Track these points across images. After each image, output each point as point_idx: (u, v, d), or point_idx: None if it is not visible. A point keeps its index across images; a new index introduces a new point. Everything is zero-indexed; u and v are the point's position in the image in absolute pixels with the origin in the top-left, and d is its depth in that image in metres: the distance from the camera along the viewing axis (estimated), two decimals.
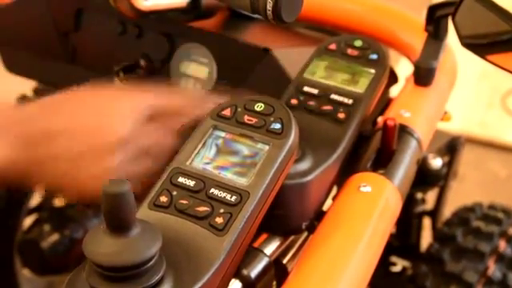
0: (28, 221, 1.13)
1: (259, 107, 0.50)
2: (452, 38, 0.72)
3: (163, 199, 0.45)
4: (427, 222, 1.08)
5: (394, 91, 0.77)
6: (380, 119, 0.71)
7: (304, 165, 0.54)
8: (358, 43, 0.66)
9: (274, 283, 0.55)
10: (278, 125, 0.49)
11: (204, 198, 0.45)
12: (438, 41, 0.73)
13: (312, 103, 0.60)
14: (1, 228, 1.11)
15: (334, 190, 0.60)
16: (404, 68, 0.82)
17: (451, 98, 0.80)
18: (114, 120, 0.58)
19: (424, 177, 0.88)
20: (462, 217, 1.02)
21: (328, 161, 0.55)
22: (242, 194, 0.45)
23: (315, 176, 0.54)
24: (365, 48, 0.65)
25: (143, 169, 0.58)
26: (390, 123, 0.62)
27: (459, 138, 1.02)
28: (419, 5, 1.28)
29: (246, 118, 0.50)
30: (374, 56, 0.64)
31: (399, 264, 1.08)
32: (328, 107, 0.59)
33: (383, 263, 1.07)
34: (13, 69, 0.90)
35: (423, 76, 0.73)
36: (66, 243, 1.08)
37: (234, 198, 0.45)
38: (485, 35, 0.63)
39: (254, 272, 0.51)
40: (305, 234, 0.59)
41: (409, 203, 1.02)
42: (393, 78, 0.76)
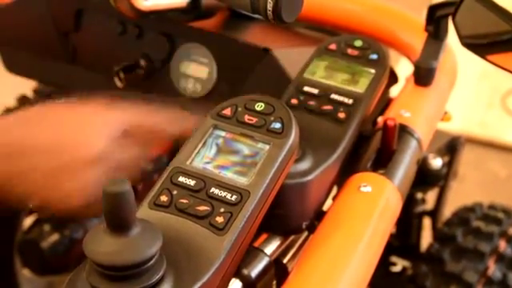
0: (28, 221, 1.13)
1: (259, 107, 0.50)
2: (452, 38, 0.72)
3: (163, 198, 0.45)
4: (427, 222, 1.08)
5: (394, 91, 0.77)
6: (380, 119, 0.71)
7: (304, 164, 0.54)
8: (358, 43, 0.66)
9: (274, 283, 0.55)
10: (279, 124, 0.49)
11: (204, 198, 0.45)
12: (438, 41, 0.73)
13: (312, 103, 0.60)
14: (1, 228, 1.11)
15: (334, 190, 0.60)
16: (404, 68, 0.82)
17: (451, 98, 0.80)
18: (90, 136, 0.59)
19: (424, 177, 0.88)
20: (462, 217, 1.02)
21: (328, 161, 0.55)
22: (243, 194, 0.45)
23: (315, 176, 0.54)
24: (365, 48, 0.65)
25: None
26: (390, 123, 0.62)
27: (459, 138, 1.02)
28: (419, 5, 1.28)
29: (247, 118, 0.50)
30: (374, 56, 0.64)
31: (399, 264, 1.08)
32: (328, 107, 0.59)
33: (383, 263, 1.07)
34: (13, 69, 0.90)
35: (423, 76, 0.73)
36: (66, 243, 1.07)
37: (235, 198, 0.45)
38: (485, 35, 0.63)
39: (255, 272, 0.51)
40: (305, 234, 0.59)
41: (409, 203, 1.02)
42: (393, 78, 0.76)
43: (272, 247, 0.55)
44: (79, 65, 0.83)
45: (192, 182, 0.46)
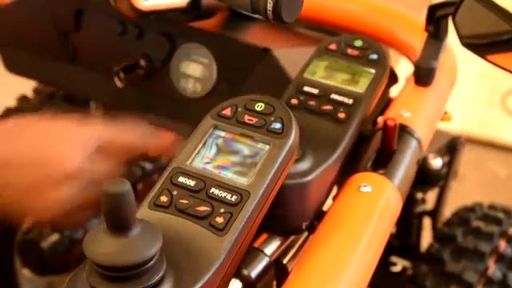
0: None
1: (259, 107, 0.50)
2: (452, 38, 0.72)
3: (163, 199, 0.45)
4: (427, 222, 1.08)
5: (394, 91, 0.77)
6: (380, 119, 0.71)
7: (304, 165, 0.54)
8: (358, 43, 0.66)
9: (275, 283, 0.55)
10: (279, 124, 0.49)
11: (204, 198, 0.45)
12: (438, 41, 0.73)
13: (312, 103, 0.60)
14: (1, 228, 1.11)
15: (334, 190, 0.60)
16: (404, 68, 0.82)
17: (451, 98, 0.80)
18: (64, 151, 0.61)
19: (424, 177, 0.87)
20: (462, 217, 1.02)
21: (328, 161, 0.55)
22: (243, 194, 0.45)
23: (315, 176, 0.54)
24: (365, 48, 0.65)
25: (92, 199, 0.61)
26: (390, 123, 0.62)
27: (459, 138, 1.02)
28: (419, 5, 1.28)
29: (247, 118, 0.50)
30: (374, 56, 0.64)
31: (399, 264, 1.08)
32: (328, 107, 0.59)
33: (383, 263, 1.07)
34: (13, 69, 0.90)
35: (423, 76, 0.73)
36: (66, 243, 1.07)
37: (235, 198, 0.45)
38: (485, 35, 0.63)
39: (255, 272, 0.51)
40: (305, 234, 0.59)
41: (409, 203, 1.02)
42: (393, 78, 0.76)
43: (272, 247, 0.55)
44: (79, 65, 0.83)
45: (192, 183, 0.46)
